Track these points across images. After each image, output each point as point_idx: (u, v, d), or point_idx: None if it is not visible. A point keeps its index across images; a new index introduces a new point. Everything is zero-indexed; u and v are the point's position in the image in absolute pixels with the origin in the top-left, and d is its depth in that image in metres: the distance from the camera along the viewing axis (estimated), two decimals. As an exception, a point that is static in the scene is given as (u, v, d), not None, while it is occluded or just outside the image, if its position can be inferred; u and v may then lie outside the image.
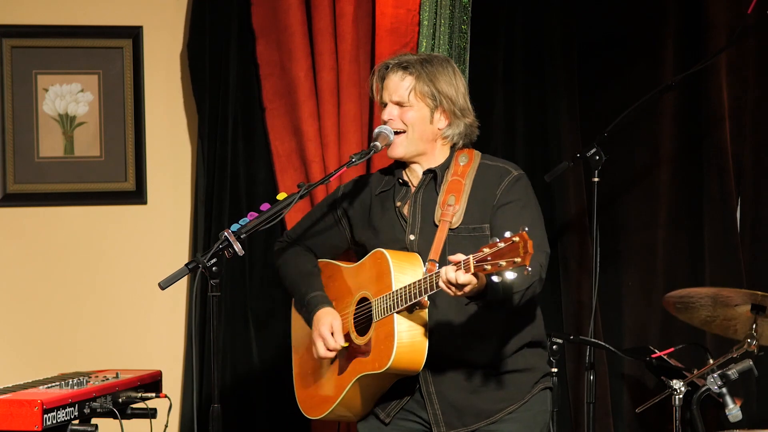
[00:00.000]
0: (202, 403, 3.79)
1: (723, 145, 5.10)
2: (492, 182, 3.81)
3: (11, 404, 3.55)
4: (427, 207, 3.84)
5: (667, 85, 4.77)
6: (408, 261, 3.77)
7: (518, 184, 3.82)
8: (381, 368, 3.71)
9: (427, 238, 3.79)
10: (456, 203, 3.78)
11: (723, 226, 5.12)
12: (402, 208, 3.87)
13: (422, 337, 3.71)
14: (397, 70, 3.83)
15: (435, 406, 3.80)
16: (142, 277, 5.11)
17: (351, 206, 3.97)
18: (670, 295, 4.31)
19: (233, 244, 3.61)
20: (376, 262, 3.80)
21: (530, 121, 5.18)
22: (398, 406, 3.86)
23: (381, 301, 3.74)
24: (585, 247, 5.06)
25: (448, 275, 3.48)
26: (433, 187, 3.85)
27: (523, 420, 3.79)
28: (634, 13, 5.18)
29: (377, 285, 3.78)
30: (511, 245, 3.37)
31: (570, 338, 4.17)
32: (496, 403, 3.78)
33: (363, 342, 3.81)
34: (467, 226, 3.78)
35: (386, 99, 3.85)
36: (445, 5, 4.87)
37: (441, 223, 3.77)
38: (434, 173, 3.85)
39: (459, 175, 3.83)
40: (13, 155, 5.10)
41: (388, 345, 3.69)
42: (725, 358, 4.14)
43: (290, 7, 4.90)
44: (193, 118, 5.20)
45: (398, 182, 3.91)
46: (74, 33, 5.14)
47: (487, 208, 3.78)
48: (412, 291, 3.64)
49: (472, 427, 3.79)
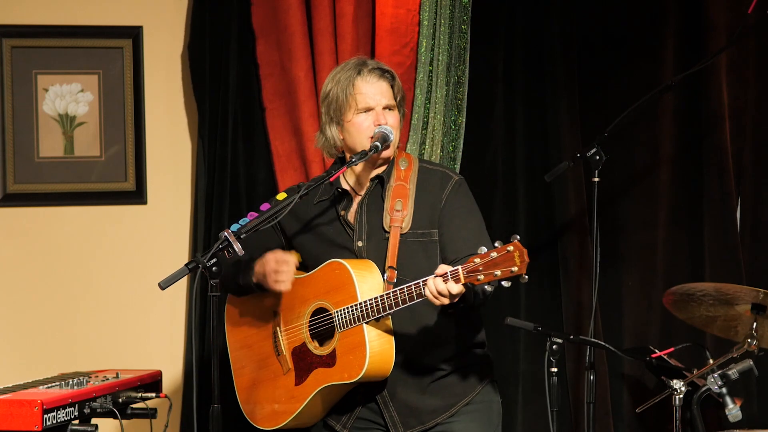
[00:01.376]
0: (201, 403, 3.78)
1: (723, 145, 5.10)
2: (435, 186, 3.91)
3: (11, 404, 3.55)
4: (373, 213, 3.90)
5: (667, 85, 4.77)
6: (366, 269, 3.82)
7: (461, 189, 3.93)
8: (352, 378, 3.76)
9: (375, 245, 3.86)
10: (404, 208, 3.86)
11: (723, 226, 5.12)
12: (347, 216, 3.92)
13: (390, 344, 3.79)
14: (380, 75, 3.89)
15: (390, 408, 3.88)
16: (142, 277, 5.11)
17: (291, 219, 3.97)
18: (670, 291, 4.31)
19: (233, 244, 3.62)
20: (334, 273, 3.82)
21: (530, 121, 5.17)
22: (353, 417, 3.92)
23: (345, 312, 3.77)
24: (585, 247, 5.06)
25: (438, 287, 3.57)
26: (378, 193, 3.91)
27: (478, 411, 3.91)
28: (634, 13, 5.17)
29: (337, 295, 3.81)
30: (506, 255, 3.45)
31: (570, 338, 4.16)
32: (450, 398, 3.89)
33: (325, 352, 3.83)
34: (415, 231, 3.86)
35: (373, 104, 3.88)
36: (445, 5, 4.87)
37: (392, 228, 3.84)
38: (381, 179, 3.91)
39: (402, 179, 3.90)
40: (13, 155, 5.10)
41: (359, 355, 3.74)
42: (725, 358, 4.13)
43: (290, 7, 4.90)
44: (193, 118, 5.20)
45: (337, 191, 3.95)
46: (74, 33, 5.14)
47: (434, 212, 3.87)
48: (386, 302, 3.70)
49: (429, 424, 3.89)
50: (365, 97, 3.87)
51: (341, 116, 3.90)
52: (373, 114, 3.87)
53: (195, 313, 4.34)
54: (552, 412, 4.05)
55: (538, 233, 5.12)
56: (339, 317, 3.79)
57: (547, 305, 5.14)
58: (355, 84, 3.87)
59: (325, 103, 3.93)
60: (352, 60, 3.98)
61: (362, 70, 3.89)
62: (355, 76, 3.88)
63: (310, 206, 3.98)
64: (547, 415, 4.06)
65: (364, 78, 3.88)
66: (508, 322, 4.17)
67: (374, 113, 3.87)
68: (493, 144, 5.14)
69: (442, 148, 4.88)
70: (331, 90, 3.91)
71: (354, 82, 3.87)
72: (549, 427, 4.07)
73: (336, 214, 3.94)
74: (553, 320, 5.06)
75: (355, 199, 3.95)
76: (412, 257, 3.77)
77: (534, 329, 4.13)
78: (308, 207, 3.98)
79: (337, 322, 3.80)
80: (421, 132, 4.87)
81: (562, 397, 4.88)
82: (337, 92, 3.89)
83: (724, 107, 5.10)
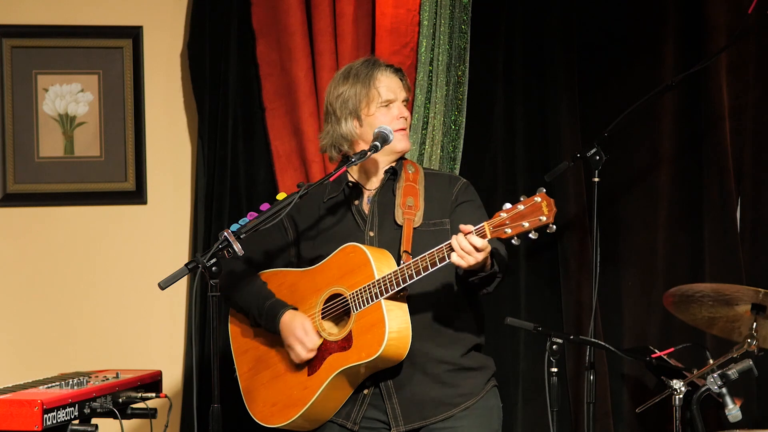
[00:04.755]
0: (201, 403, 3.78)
1: (723, 145, 5.10)
2: (444, 186, 3.97)
3: (11, 404, 3.55)
4: (385, 207, 3.93)
5: (667, 85, 4.78)
6: (381, 252, 3.83)
7: (469, 189, 4.00)
8: (370, 356, 3.73)
9: (387, 235, 3.89)
10: (415, 205, 3.90)
11: (723, 226, 5.12)
12: (360, 205, 3.95)
13: (407, 328, 3.77)
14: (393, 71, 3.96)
15: (393, 400, 3.86)
16: (142, 277, 5.11)
17: (299, 214, 4.00)
18: (670, 292, 4.31)
19: (233, 244, 3.62)
20: (348, 257, 3.83)
21: (530, 121, 5.18)
22: (360, 412, 3.90)
23: (362, 291, 3.77)
24: (585, 247, 5.06)
25: (461, 242, 3.56)
26: (389, 188, 3.95)
27: (479, 415, 3.91)
28: (634, 12, 5.18)
29: (353, 278, 3.80)
30: (533, 205, 3.50)
31: (570, 338, 4.17)
32: (454, 398, 3.89)
33: (340, 336, 3.82)
34: (428, 222, 3.90)
35: (393, 97, 3.93)
36: (445, 5, 4.87)
37: (405, 221, 3.87)
38: (394, 171, 3.95)
39: (411, 181, 3.95)
40: (13, 155, 5.10)
41: (378, 333, 3.72)
42: (725, 358, 4.14)
43: (290, 7, 4.90)
44: (193, 118, 5.20)
45: (347, 185, 3.97)
46: (74, 33, 5.14)
47: (445, 205, 3.92)
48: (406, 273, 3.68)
49: (430, 420, 3.88)
50: (387, 90, 3.92)
51: (360, 110, 3.92)
52: (395, 106, 3.92)
53: (195, 313, 4.34)
54: (552, 412, 4.06)
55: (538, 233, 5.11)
56: (355, 298, 3.78)
57: (547, 305, 5.14)
58: (377, 77, 3.92)
59: (339, 101, 3.94)
60: (360, 59, 4.01)
61: (379, 65, 3.95)
62: (375, 70, 3.93)
63: (321, 205, 3.99)
64: (547, 415, 4.07)
65: (383, 72, 3.93)
66: (508, 322, 4.17)
67: (396, 105, 3.93)
68: (493, 144, 5.14)
69: (442, 148, 4.89)
70: (348, 86, 3.93)
71: (375, 75, 3.92)
72: (549, 427, 4.07)
73: (347, 208, 3.95)
74: (553, 320, 5.06)
75: (365, 193, 3.98)
76: (426, 247, 3.73)
77: (534, 329, 4.13)
78: (319, 205, 3.99)
79: (353, 303, 3.78)
80: (421, 132, 4.87)
81: (562, 397, 4.88)
82: (356, 86, 3.92)
83: (724, 107, 5.10)
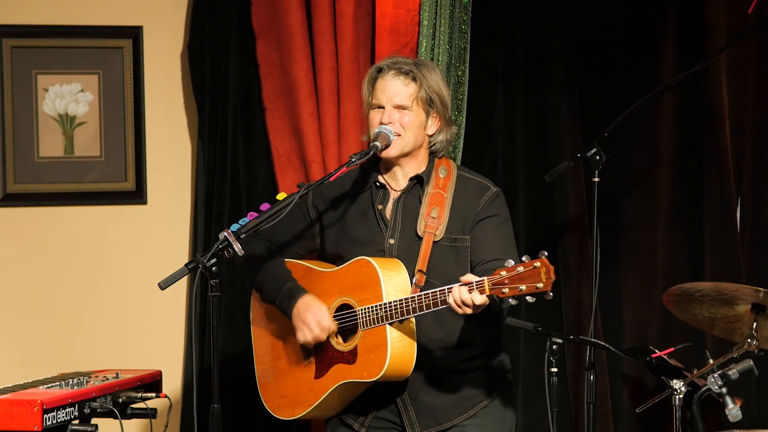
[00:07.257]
0: (201, 403, 3.78)
1: (723, 145, 5.10)
2: (473, 195, 3.93)
3: (11, 404, 3.55)
4: (409, 214, 3.92)
5: (667, 85, 4.77)
6: (393, 269, 3.83)
7: (498, 200, 3.96)
8: (371, 377, 3.76)
9: (406, 246, 3.88)
10: (439, 216, 3.88)
11: (723, 226, 5.12)
12: (384, 211, 3.93)
13: (411, 346, 3.79)
14: (398, 74, 3.91)
15: (409, 408, 3.89)
16: (142, 277, 5.11)
17: (325, 206, 4.01)
18: (670, 291, 4.31)
19: (233, 244, 3.62)
20: (361, 270, 3.83)
21: (530, 121, 5.18)
22: (370, 416, 3.93)
23: (369, 310, 3.78)
24: (585, 247, 5.06)
25: (462, 296, 3.59)
26: (416, 194, 3.93)
27: (494, 414, 3.94)
28: (634, 13, 5.18)
29: (363, 293, 3.81)
30: (532, 270, 3.48)
31: (570, 338, 4.16)
32: (468, 399, 3.91)
33: (347, 348, 3.84)
34: (449, 236, 3.88)
35: (384, 102, 3.90)
36: (445, 5, 4.87)
37: (426, 234, 3.86)
38: (420, 179, 3.92)
39: (440, 188, 3.92)
40: (13, 155, 5.10)
41: (380, 355, 3.74)
42: (725, 358, 4.13)
43: (290, 7, 4.90)
44: (193, 118, 5.20)
45: (375, 185, 3.96)
46: (74, 33, 5.14)
47: (468, 219, 3.90)
48: (410, 305, 3.71)
49: (446, 424, 3.90)
50: (380, 93, 3.91)
51: (366, 108, 3.97)
52: (385, 112, 3.91)
53: (195, 313, 4.34)
54: (552, 412, 4.06)
55: (538, 233, 5.12)
56: (363, 315, 3.80)
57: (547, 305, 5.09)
58: (378, 78, 3.93)
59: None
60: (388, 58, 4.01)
61: (384, 67, 3.94)
62: (376, 73, 3.94)
63: (346, 197, 3.99)
64: (547, 415, 4.07)
65: (384, 76, 3.92)
66: (508, 322, 4.17)
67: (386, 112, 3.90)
68: (493, 144, 5.14)
69: (442, 148, 4.88)
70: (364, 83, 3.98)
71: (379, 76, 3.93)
72: (549, 427, 4.07)
73: (372, 207, 3.95)
74: (553, 320, 5.06)
75: (391, 195, 3.97)
76: (443, 262, 3.80)
77: (534, 329, 4.13)
78: (344, 197, 3.99)
79: (361, 320, 3.81)
80: (421, 132, 4.87)
81: (562, 397, 4.88)
82: (364, 85, 3.97)
83: (724, 107, 5.10)
